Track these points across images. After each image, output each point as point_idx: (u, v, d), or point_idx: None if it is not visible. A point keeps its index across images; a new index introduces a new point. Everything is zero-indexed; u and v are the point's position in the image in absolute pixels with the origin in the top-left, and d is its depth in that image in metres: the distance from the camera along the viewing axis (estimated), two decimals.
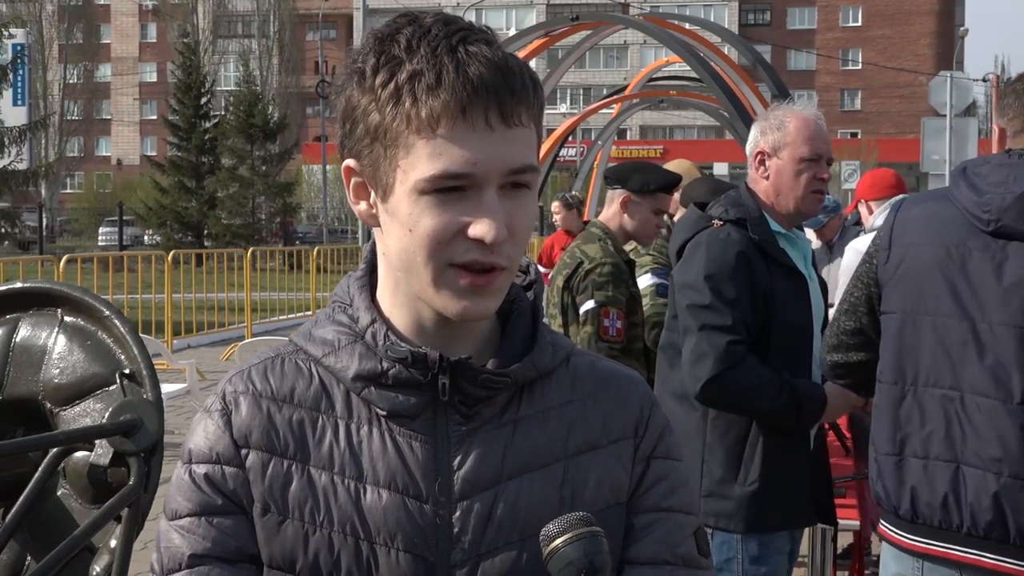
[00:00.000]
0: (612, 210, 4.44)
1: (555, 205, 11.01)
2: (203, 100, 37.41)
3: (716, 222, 3.28)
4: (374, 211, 1.29)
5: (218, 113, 38.86)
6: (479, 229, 1.21)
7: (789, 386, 3.15)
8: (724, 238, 3.23)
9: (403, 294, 1.31)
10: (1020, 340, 2.54)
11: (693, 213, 3.44)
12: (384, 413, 1.30)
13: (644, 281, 4.71)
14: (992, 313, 2.58)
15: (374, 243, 1.36)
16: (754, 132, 3.38)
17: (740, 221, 3.25)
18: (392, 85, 1.22)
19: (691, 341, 3.20)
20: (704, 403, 3.21)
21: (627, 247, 4.84)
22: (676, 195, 5.47)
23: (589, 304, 4.23)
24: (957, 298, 2.63)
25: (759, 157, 3.33)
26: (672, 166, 5.40)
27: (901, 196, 5.44)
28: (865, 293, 2.87)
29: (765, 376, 3.15)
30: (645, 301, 4.60)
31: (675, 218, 4.97)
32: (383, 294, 1.34)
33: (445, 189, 1.21)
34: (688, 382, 3.22)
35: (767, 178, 3.32)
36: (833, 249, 6.41)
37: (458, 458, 1.29)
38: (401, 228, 1.24)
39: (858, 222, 6.12)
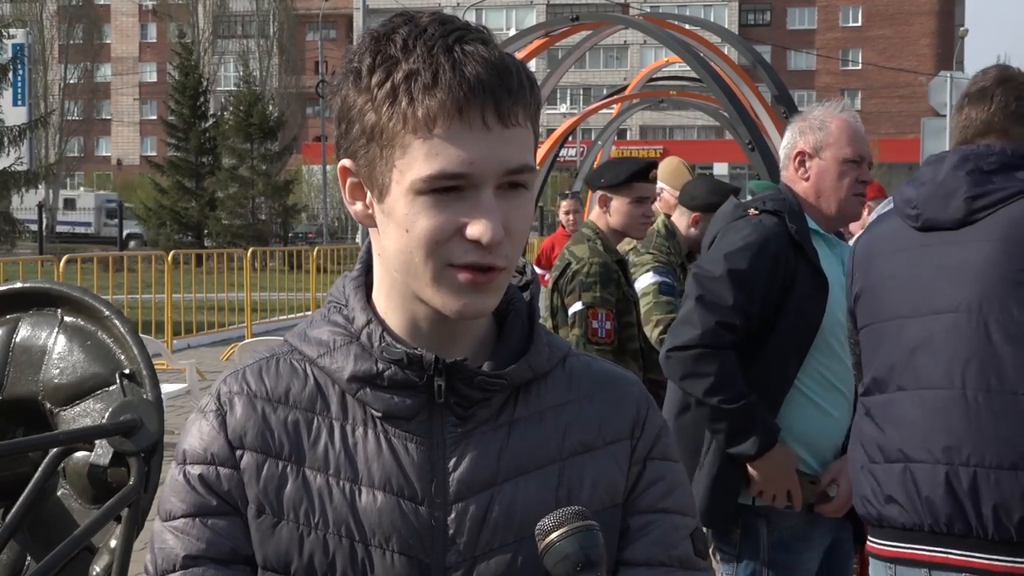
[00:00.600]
0: (596, 211, 4.46)
1: (569, 203, 10.35)
2: (200, 100, 37.39)
3: (752, 211, 3.25)
4: (370, 211, 1.29)
5: (215, 114, 38.85)
6: (476, 230, 1.21)
7: (754, 402, 3.08)
8: (756, 223, 3.20)
9: (399, 295, 1.30)
10: (956, 327, 2.54)
11: (729, 205, 3.43)
12: (379, 414, 1.29)
13: (646, 279, 4.71)
14: (930, 305, 2.60)
15: (370, 243, 1.35)
16: (791, 132, 3.33)
17: (777, 212, 3.21)
18: (388, 85, 1.21)
19: (685, 306, 3.17)
20: (663, 364, 3.18)
21: (626, 246, 4.84)
22: (668, 194, 5.49)
23: (577, 306, 4.21)
24: (904, 297, 2.66)
25: (799, 157, 3.28)
26: (662, 164, 5.42)
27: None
28: (849, 325, 2.89)
29: (736, 377, 3.08)
30: (647, 299, 4.59)
31: (672, 218, 4.96)
32: (378, 295, 1.34)
33: (442, 189, 1.21)
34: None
35: (807, 179, 3.27)
36: None
37: (453, 460, 1.29)
38: (398, 228, 1.24)
39: None
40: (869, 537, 2.74)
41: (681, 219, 4.92)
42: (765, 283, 3.12)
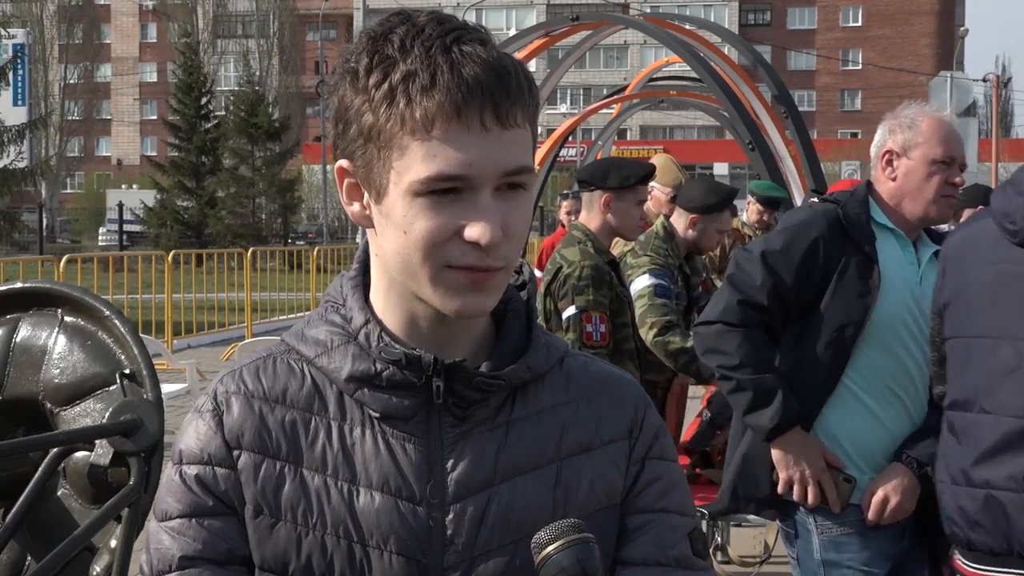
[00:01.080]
0: (594, 211, 4.40)
1: (570, 203, 9.98)
2: (203, 100, 37.41)
3: (812, 200, 3.24)
4: (367, 212, 1.28)
5: (218, 114, 38.87)
6: (474, 231, 1.20)
7: (774, 381, 3.05)
8: (809, 211, 3.18)
9: (396, 295, 1.30)
10: None
11: (807, 200, 3.45)
12: (377, 415, 1.29)
13: (642, 281, 4.70)
14: None
15: (367, 243, 1.35)
16: (881, 131, 3.23)
17: (836, 201, 3.16)
18: (386, 85, 1.20)
19: (723, 283, 3.22)
20: (694, 340, 3.26)
21: (624, 247, 4.83)
22: (658, 191, 5.48)
23: (570, 310, 4.18)
24: (997, 317, 2.58)
25: (887, 156, 3.17)
26: (656, 162, 5.43)
27: None
28: (935, 324, 2.82)
29: (757, 354, 3.07)
30: (642, 302, 4.59)
31: (670, 218, 4.96)
32: (376, 295, 1.33)
33: (440, 191, 1.20)
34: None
35: (894, 179, 3.15)
36: None
37: (451, 460, 1.29)
38: (396, 230, 1.24)
39: None
40: (956, 555, 2.68)
41: (679, 221, 4.92)
42: (801, 263, 3.08)
